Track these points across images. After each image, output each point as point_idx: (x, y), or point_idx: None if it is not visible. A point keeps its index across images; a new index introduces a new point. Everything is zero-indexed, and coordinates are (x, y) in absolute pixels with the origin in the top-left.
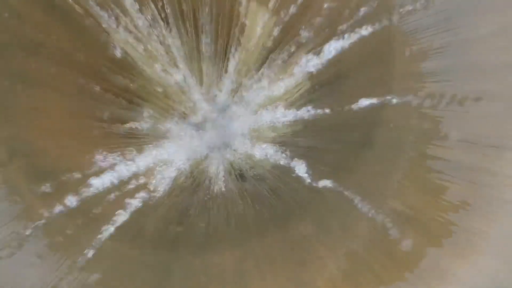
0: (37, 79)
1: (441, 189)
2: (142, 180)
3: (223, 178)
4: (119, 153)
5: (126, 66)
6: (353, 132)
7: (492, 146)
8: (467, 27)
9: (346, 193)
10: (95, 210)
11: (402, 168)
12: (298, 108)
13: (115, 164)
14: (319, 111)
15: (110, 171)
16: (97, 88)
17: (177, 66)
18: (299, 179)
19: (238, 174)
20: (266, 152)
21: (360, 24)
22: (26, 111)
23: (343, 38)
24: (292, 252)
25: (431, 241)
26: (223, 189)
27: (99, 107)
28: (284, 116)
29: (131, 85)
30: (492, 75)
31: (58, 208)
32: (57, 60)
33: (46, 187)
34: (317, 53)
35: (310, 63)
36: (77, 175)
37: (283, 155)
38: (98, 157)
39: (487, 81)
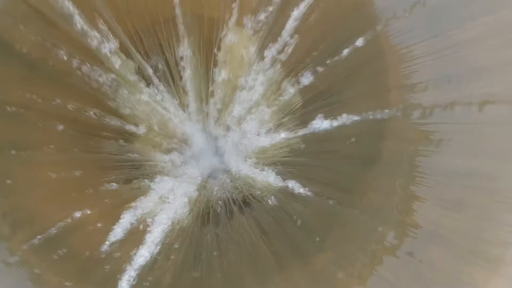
0: (28, 142)
1: (458, 201)
2: (146, 226)
3: (228, 210)
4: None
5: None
6: (354, 148)
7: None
8: (458, 30)
9: (356, 212)
10: (106, 266)
11: (410, 181)
12: (293, 127)
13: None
14: (316, 126)
15: (117, 224)
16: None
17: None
18: (305, 200)
19: (242, 202)
20: (267, 176)
21: (348, 39)
22: (23, 178)
23: (333, 55)
24: (318, 284)
25: (458, 255)
26: (233, 222)
27: (96, 160)
28: (280, 136)
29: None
30: (491, 76)
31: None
32: (45, 119)
33: (58, 253)
34: (308, 69)
35: (302, 78)
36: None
37: (284, 177)
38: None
39: (487, 83)
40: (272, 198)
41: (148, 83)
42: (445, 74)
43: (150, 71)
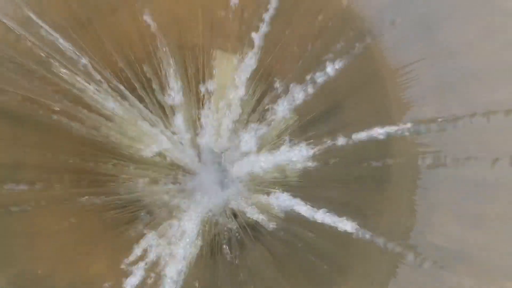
0: (25, 200)
1: (477, 216)
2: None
3: (239, 240)
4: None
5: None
6: (364, 168)
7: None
8: (452, 36)
9: (373, 237)
10: None
11: (425, 198)
12: (296, 149)
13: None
14: (321, 148)
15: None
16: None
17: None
18: (317, 226)
19: (251, 230)
20: (275, 200)
21: (339, 53)
22: (25, 239)
23: (325, 68)
24: None
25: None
26: (246, 253)
27: (97, 208)
28: (283, 158)
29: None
30: (492, 80)
31: None
32: (39, 174)
33: None
34: (301, 84)
35: (296, 94)
36: None
37: (293, 200)
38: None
39: (489, 89)
40: (283, 224)
41: (141, 117)
42: (444, 83)
43: (140, 106)
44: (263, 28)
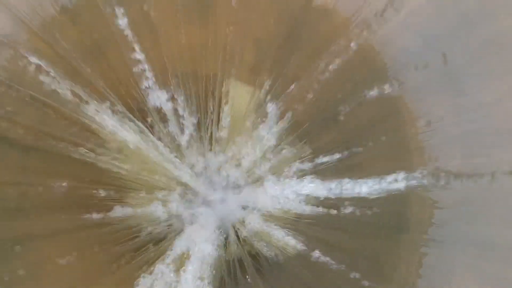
0: (30, 234)
1: (500, 275)
2: None
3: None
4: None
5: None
6: (379, 213)
7: None
8: (479, 90)
9: None
10: None
11: (444, 250)
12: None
13: None
14: (334, 188)
15: None
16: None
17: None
18: (324, 270)
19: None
20: (283, 237)
21: (360, 93)
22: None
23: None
24: None
25: None
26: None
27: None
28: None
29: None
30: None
31: None
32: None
33: None
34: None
35: (311, 135)
36: None
37: (302, 241)
38: None
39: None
40: (290, 261)
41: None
42: (468, 136)
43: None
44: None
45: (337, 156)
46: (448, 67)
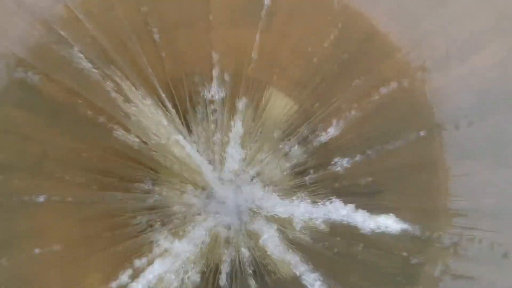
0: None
1: None
2: None
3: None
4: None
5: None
6: (393, 258)
7: None
8: None
9: None
10: None
11: None
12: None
13: None
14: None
15: None
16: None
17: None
18: None
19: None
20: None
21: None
22: (28, 237)
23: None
24: None
25: None
26: None
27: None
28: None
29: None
30: None
31: None
32: (63, 169)
33: None
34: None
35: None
36: None
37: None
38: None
39: None
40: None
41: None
42: (504, 201)
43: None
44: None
45: (361, 190)
46: (498, 134)
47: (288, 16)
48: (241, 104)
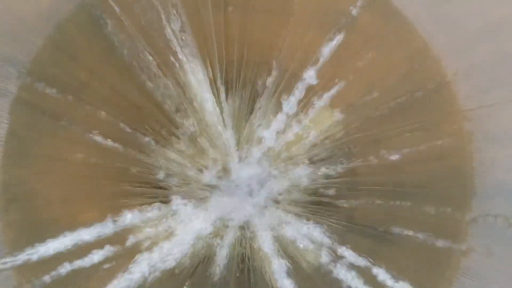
0: (69, 119)
1: None
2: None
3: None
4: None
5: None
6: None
7: None
8: None
9: None
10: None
11: None
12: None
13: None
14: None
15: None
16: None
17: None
18: None
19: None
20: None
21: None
22: (42, 157)
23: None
24: None
25: None
26: None
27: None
28: None
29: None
30: None
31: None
32: (99, 102)
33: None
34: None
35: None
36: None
37: None
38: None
39: None
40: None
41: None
42: None
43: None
44: None
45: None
46: None
47: (366, 36)
48: (287, 104)
